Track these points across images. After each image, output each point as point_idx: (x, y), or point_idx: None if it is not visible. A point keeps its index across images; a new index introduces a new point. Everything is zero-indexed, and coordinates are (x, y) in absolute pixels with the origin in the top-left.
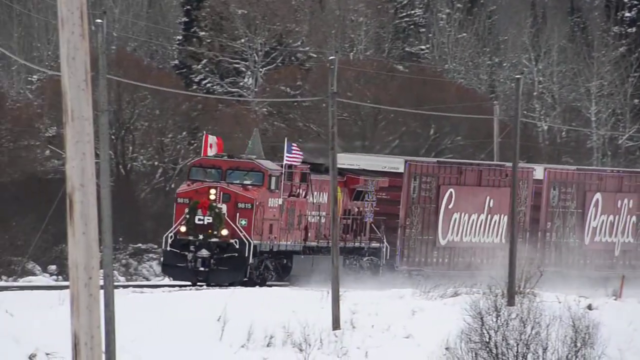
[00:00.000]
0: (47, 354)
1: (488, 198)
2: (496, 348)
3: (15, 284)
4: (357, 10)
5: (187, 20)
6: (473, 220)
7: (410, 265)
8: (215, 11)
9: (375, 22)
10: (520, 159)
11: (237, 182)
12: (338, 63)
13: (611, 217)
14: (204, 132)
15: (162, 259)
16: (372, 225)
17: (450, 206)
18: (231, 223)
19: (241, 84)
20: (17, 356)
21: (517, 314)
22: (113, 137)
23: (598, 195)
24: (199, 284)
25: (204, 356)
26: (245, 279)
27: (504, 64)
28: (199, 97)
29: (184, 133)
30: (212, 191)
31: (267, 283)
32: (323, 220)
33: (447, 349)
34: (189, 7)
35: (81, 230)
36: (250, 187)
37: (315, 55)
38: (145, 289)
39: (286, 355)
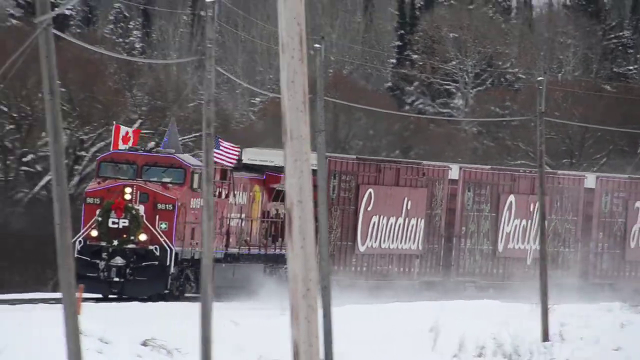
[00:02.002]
0: None
1: (406, 199)
2: None
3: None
4: (566, 33)
5: (400, 44)
6: (391, 224)
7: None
8: (427, 35)
9: (584, 43)
10: None
11: (155, 179)
12: (546, 83)
13: (524, 222)
14: (114, 122)
15: None
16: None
17: (369, 208)
18: (150, 227)
19: (452, 104)
20: None
21: None
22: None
23: (512, 198)
24: (111, 296)
25: None
26: (167, 291)
27: None
28: (411, 117)
29: (397, 151)
30: (128, 190)
31: (186, 295)
32: (244, 224)
33: None
34: (402, 31)
35: (299, 244)
36: (170, 185)
37: (523, 77)
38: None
39: None
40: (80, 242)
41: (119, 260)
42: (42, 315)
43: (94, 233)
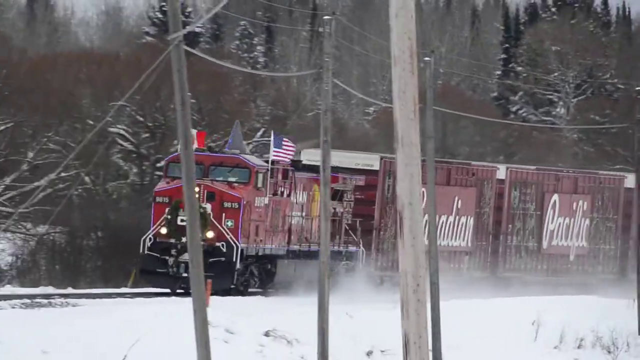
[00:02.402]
0: (382, 351)
1: (456, 198)
2: None
3: None
4: None
5: (505, 56)
6: (442, 222)
7: (383, 270)
8: (531, 48)
9: None
10: None
11: (221, 179)
12: None
13: (567, 220)
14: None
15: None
16: (347, 227)
17: (422, 207)
18: (217, 224)
19: (554, 113)
20: (356, 352)
21: None
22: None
23: (555, 197)
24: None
25: (520, 355)
26: (232, 286)
27: None
28: (515, 125)
29: (501, 157)
30: (195, 189)
31: (250, 290)
32: (304, 222)
33: None
34: (507, 45)
35: (410, 242)
36: (235, 184)
37: (622, 87)
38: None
39: (595, 356)
40: (150, 239)
41: (187, 257)
42: (174, 308)
43: (163, 230)
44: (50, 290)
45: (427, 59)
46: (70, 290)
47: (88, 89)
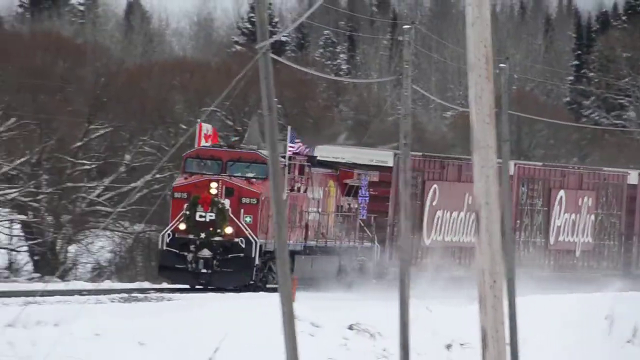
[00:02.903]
0: (461, 344)
1: (467, 195)
2: None
3: None
4: None
5: (577, 63)
6: (454, 218)
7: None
8: (603, 55)
9: None
10: None
11: (239, 174)
12: None
13: (573, 216)
14: (198, 120)
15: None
16: (360, 222)
17: (434, 203)
18: (235, 220)
19: (624, 116)
20: (436, 346)
21: None
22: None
23: (562, 193)
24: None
25: (594, 349)
26: (252, 282)
27: None
28: (587, 128)
29: (575, 159)
30: (214, 185)
31: (268, 286)
32: (320, 218)
33: None
34: (579, 52)
35: (486, 241)
36: (253, 180)
37: None
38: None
39: None
40: (169, 235)
41: (206, 253)
42: (263, 302)
43: (182, 226)
44: (146, 285)
45: (502, 65)
46: (164, 285)
47: (181, 96)
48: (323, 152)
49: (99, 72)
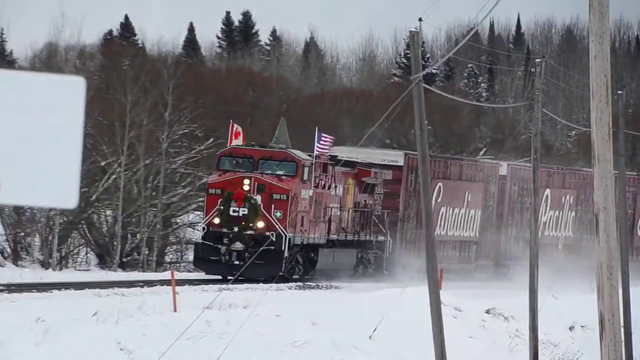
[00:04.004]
0: (582, 327)
1: (467, 192)
2: None
3: None
4: None
5: None
6: (455, 214)
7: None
8: None
9: None
10: None
11: (270, 172)
12: None
13: (557, 213)
14: (231, 120)
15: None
16: (375, 218)
17: (439, 200)
18: (266, 215)
19: None
20: (560, 327)
21: None
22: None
23: (547, 192)
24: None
25: None
26: (281, 274)
27: None
28: None
29: None
30: (246, 181)
31: (294, 277)
32: (341, 213)
33: None
34: None
35: (604, 239)
36: (283, 177)
37: None
38: None
39: None
40: (203, 228)
41: (238, 245)
42: (416, 290)
43: (216, 220)
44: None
45: (619, 92)
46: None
47: (348, 119)
48: (341, 152)
49: (282, 100)
